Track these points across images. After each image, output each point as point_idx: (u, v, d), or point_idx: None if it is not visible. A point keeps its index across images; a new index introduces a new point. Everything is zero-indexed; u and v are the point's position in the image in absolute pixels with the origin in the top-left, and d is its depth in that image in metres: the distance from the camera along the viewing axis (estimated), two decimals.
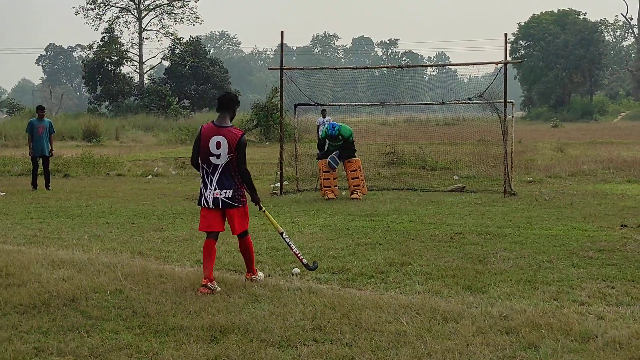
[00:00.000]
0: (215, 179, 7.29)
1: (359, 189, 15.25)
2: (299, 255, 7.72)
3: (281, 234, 7.83)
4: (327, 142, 15.67)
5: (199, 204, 7.44)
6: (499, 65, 15.77)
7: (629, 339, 5.23)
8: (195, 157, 7.48)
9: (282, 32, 16.53)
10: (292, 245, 7.77)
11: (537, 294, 6.70)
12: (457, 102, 18.33)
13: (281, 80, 16.67)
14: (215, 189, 7.27)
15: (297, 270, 7.86)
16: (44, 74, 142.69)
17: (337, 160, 15.38)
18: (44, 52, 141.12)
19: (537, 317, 5.77)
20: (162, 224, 11.68)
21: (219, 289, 6.97)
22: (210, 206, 7.27)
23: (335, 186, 15.44)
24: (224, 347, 5.28)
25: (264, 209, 7.65)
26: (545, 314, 5.89)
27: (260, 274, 7.57)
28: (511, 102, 16.02)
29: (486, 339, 5.35)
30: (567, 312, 6.00)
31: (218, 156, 7.28)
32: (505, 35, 15.96)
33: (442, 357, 5.02)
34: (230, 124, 7.58)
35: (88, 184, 18.97)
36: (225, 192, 7.25)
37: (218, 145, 7.29)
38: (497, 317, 5.86)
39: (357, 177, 15.28)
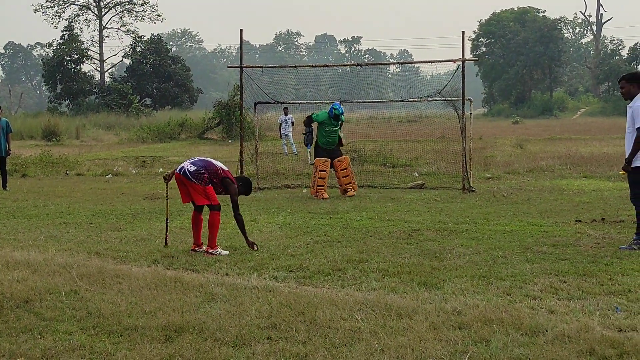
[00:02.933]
0: (195, 159, 9.21)
1: (351, 186, 15.28)
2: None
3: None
4: (323, 127, 15.31)
5: None
6: (457, 62, 15.90)
7: (577, 332, 5.32)
8: None
9: (241, 30, 16.51)
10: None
11: (490, 289, 6.79)
12: (415, 99, 18.40)
13: (240, 79, 16.67)
14: (187, 162, 9.06)
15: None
16: (3, 73, 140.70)
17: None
18: (3, 51, 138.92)
19: (489, 312, 5.84)
20: (120, 223, 11.60)
21: (223, 253, 8.82)
22: (177, 171, 8.99)
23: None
24: (178, 347, 5.27)
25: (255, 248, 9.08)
26: (498, 309, 5.97)
27: (222, 252, 8.84)
28: (469, 99, 16.17)
29: (439, 334, 5.41)
30: (518, 307, 6.09)
31: (211, 159, 9.32)
32: (463, 33, 16.11)
33: (395, 352, 5.07)
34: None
35: (46, 184, 18.75)
36: (191, 166, 8.93)
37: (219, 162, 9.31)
38: (450, 312, 5.93)
39: (348, 175, 15.32)
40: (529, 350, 5.03)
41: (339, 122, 15.37)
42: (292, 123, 27.86)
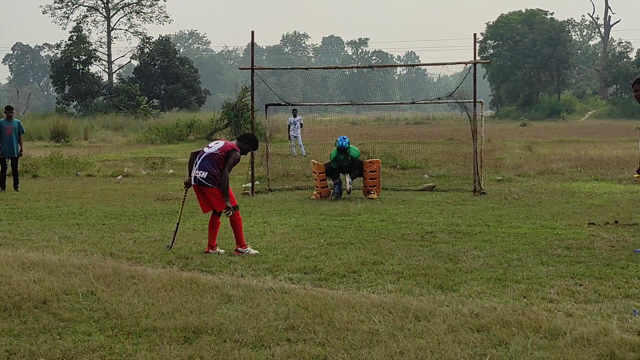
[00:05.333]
0: (199, 161, 9.06)
1: (375, 189, 15.37)
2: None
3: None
4: (335, 161, 15.45)
5: None
6: (468, 65, 15.89)
7: (596, 336, 5.31)
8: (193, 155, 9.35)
9: (252, 32, 16.54)
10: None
11: (507, 292, 6.79)
12: (427, 101, 18.44)
13: (252, 80, 16.67)
14: (196, 169, 9.02)
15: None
16: (11, 74, 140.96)
17: (351, 181, 15.55)
18: (11, 52, 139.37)
19: (507, 314, 5.84)
20: (133, 224, 11.63)
21: (222, 251, 8.99)
22: (193, 182, 9.05)
23: (323, 188, 15.53)
24: (197, 348, 5.28)
25: (228, 213, 9.00)
26: (515, 312, 5.96)
27: (251, 250, 8.97)
28: (480, 101, 16.16)
29: (457, 337, 5.41)
30: (536, 310, 6.09)
31: (210, 148, 9.17)
32: (475, 35, 16.09)
33: (415, 355, 5.07)
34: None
35: (57, 185, 18.80)
36: (202, 173, 8.94)
37: (216, 144, 9.23)
38: (468, 315, 5.93)
39: (375, 178, 15.44)
40: (549, 354, 5.03)
41: (350, 158, 15.31)
42: (301, 124, 27.86)
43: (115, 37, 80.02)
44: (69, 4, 77.35)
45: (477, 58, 16.06)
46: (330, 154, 15.68)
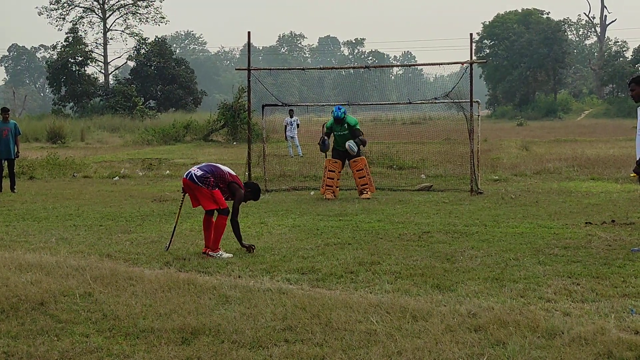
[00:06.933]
0: (203, 164, 9.26)
1: (367, 188, 15.30)
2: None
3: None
4: (333, 132, 15.49)
5: None
6: (465, 64, 15.92)
7: (594, 335, 5.32)
8: None
9: (249, 32, 16.54)
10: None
11: (504, 292, 6.79)
12: (423, 101, 18.44)
13: (249, 81, 16.70)
14: (195, 167, 9.11)
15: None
16: (7, 75, 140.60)
17: (353, 142, 15.22)
18: (7, 53, 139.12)
19: (505, 314, 5.85)
20: (130, 226, 11.62)
21: (225, 255, 8.77)
22: (185, 176, 9.07)
23: (337, 187, 15.44)
24: (195, 349, 5.28)
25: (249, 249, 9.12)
26: (513, 311, 5.97)
27: (223, 254, 8.81)
28: (477, 101, 16.18)
29: (455, 336, 5.41)
30: (533, 309, 6.09)
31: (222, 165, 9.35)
32: (471, 35, 16.12)
33: (412, 355, 5.07)
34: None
35: (54, 186, 18.77)
36: (198, 171, 8.96)
37: (230, 170, 9.27)
38: (465, 315, 5.93)
39: (364, 177, 15.33)
40: (546, 353, 5.04)
41: (347, 125, 15.32)
42: (298, 125, 27.86)
43: (111, 39, 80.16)
44: (65, 5, 77.28)
45: (474, 58, 16.09)
46: (325, 124, 15.71)
